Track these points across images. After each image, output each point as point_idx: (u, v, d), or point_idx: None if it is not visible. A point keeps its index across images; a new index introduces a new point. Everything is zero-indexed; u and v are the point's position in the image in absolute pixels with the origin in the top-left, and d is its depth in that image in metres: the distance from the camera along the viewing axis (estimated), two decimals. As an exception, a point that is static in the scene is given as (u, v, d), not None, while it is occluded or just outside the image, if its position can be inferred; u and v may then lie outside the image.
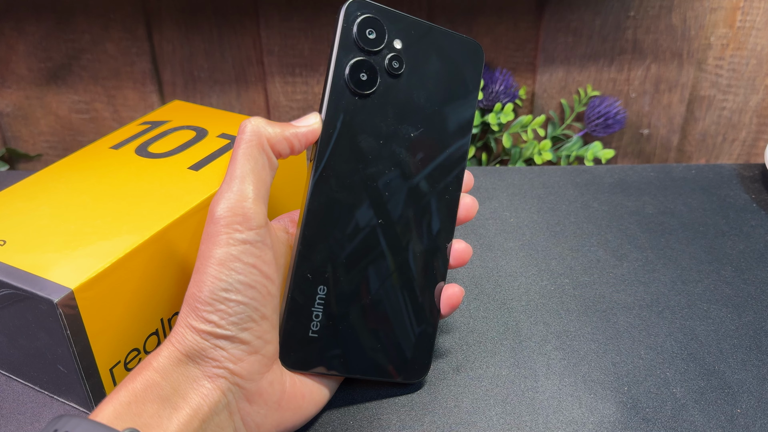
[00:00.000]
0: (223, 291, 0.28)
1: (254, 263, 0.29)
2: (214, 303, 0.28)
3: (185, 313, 0.29)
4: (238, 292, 0.28)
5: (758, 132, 0.71)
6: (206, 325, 0.28)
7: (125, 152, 0.42)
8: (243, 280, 0.28)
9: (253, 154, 0.30)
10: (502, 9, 0.65)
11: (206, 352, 0.28)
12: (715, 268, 0.44)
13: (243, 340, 0.29)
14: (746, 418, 0.33)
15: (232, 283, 0.28)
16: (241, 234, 0.29)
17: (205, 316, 0.28)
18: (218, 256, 0.28)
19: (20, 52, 0.65)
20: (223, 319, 0.28)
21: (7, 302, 0.31)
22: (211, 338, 0.28)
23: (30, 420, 0.33)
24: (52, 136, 0.70)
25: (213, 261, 0.28)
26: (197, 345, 0.28)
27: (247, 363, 0.29)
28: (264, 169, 0.30)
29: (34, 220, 0.35)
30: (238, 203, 0.29)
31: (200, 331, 0.28)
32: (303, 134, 0.31)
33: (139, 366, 0.28)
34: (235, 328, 0.28)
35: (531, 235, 0.48)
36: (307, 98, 0.69)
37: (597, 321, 0.40)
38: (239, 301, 0.28)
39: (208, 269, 0.28)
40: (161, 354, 0.28)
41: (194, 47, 0.66)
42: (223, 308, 0.28)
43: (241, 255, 0.28)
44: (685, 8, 0.65)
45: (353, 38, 0.31)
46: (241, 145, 0.30)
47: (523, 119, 0.67)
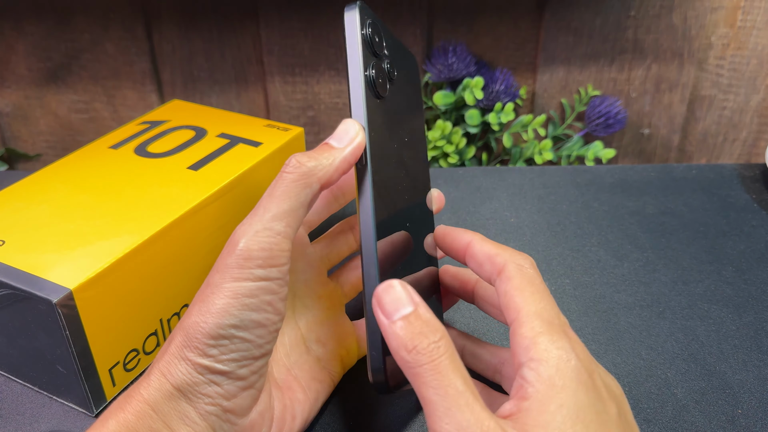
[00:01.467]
0: (232, 328, 0.26)
1: (270, 301, 0.27)
2: (218, 337, 0.26)
3: (182, 342, 0.26)
4: (246, 329, 0.26)
5: (759, 132, 0.71)
6: (204, 359, 0.26)
7: (124, 152, 0.42)
8: (254, 318, 0.26)
9: (295, 193, 0.27)
10: (503, 8, 0.65)
11: (199, 387, 0.26)
12: (715, 269, 0.44)
13: (240, 376, 0.27)
14: (747, 419, 0.33)
15: (243, 320, 0.26)
16: (263, 270, 0.26)
17: (206, 350, 0.26)
18: (233, 288, 0.26)
19: (20, 51, 0.65)
20: (224, 355, 0.26)
21: (6, 302, 0.31)
22: (206, 372, 0.26)
23: (29, 420, 0.33)
24: (52, 136, 0.70)
25: (225, 293, 0.26)
26: (190, 379, 0.26)
27: (240, 399, 0.27)
28: (303, 207, 0.28)
29: (33, 220, 0.35)
30: (266, 239, 0.27)
31: (196, 364, 0.26)
32: (351, 153, 0.29)
33: (128, 395, 0.27)
34: (233, 364, 0.26)
35: (531, 235, 0.48)
36: (307, 98, 0.69)
37: (597, 321, 0.40)
38: (245, 339, 0.26)
39: (218, 300, 0.26)
40: (151, 385, 0.26)
41: (194, 47, 0.66)
42: (226, 344, 0.26)
43: (258, 292, 0.26)
44: (685, 8, 0.65)
45: (368, 42, 0.30)
46: (283, 183, 0.28)
47: (524, 119, 0.67)
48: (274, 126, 0.46)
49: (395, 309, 0.25)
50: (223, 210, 0.39)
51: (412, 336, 0.24)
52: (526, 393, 0.24)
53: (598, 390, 0.25)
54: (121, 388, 0.35)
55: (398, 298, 0.25)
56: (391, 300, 0.25)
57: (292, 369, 0.32)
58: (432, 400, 0.23)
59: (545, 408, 0.24)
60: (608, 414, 0.25)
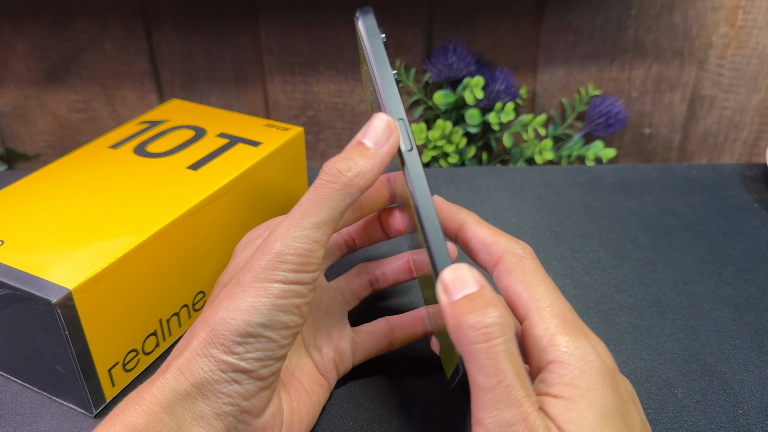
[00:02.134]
0: (261, 326, 0.26)
1: (298, 304, 0.27)
2: (246, 335, 0.26)
3: (207, 339, 0.26)
4: (274, 329, 0.26)
5: (760, 131, 0.71)
6: (230, 356, 0.26)
7: (124, 152, 0.42)
8: (282, 319, 0.26)
9: (336, 201, 0.27)
10: (503, 8, 0.65)
11: (219, 385, 0.26)
12: (716, 269, 0.44)
13: (261, 376, 0.26)
14: (748, 419, 0.33)
15: (272, 320, 0.26)
16: (295, 275, 0.26)
17: (232, 347, 0.26)
18: (264, 288, 0.26)
19: (19, 51, 0.65)
20: (249, 353, 0.26)
21: (5, 303, 0.31)
22: (229, 370, 0.26)
23: (29, 421, 0.33)
24: (51, 136, 0.70)
25: (258, 291, 0.26)
26: (212, 377, 0.26)
27: (257, 399, 0.27)
28: (341, 215, 0.27)
29: (32, 220, 0.35)
30: (303, 245, 0.26)
31: (220, 361, 0.26)
32: (388, 155, 0.28)
33: (139, 394, 0.26)
34: (257, 363, 0.26)
35: (532, 235, 0.48)
36: (307, 97, 0.69)
37: (598, 321, 0.39)
38: (271, 338, 0.26)
39: (249, 299, 0.26)
40: (167, 385, 0.26)
41: (193, 46, 0.66)
42: (253, 342, 0.26)
43: (289, 294, 0.26)
44: (686, 7, 0.64)
45: (383, 41, 0.30)
46: (324, 190, 0.27)
47: (524, 118, 0.67)
48: (273, 126, 0.46)
49: (458, 289, 0.25)
50: (223, 210, 0.39)
51: (471, 312, 0.24)
52: (549, 399, 0.24)
53: (621, 393, 0.25)
54: (120, 388, 0.35)
55: (463, 279, 0.25)
56: (456, 280, 0.25)
57: (295, 372, 0.32)
58: (481, 386, 0.23)
59: (573, 408, 0.23)
60: (632, 418, 0.24)
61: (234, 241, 0.39)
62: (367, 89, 0.34)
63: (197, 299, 0.39)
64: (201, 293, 0.39)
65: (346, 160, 0.27)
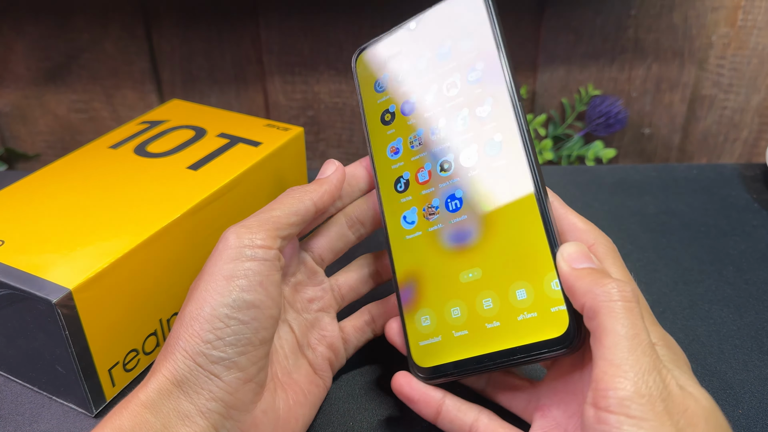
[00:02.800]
0: (225, 308, 0.27)
1: (261, 282, 0.28)
2: (213, 320, 0.26)
3: (179, 334, 0.27)
4: (239, 310, 0.27)
5: (760, 131, 0.71)
6: (202, 345, 0.26)
7: (124, 152, 0.42)
8: (246, 299, 0.27)
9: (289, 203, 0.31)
10: (503, 8, 0.64)
11: (199, 381, 0.26)
12: (716, 269, 0.44)
13: (239, 365, 0.27)
14: (747, 419, 0.33)
15: (236, 299, 0.27)
16: (250, 251, 0.28)
17: (202, 335, 0.26)
18: (223, 272, 0.27)
19: (19, 51, 0.65)
20: (220, 339, 0.26)
21: (5, 303, 0.31)
22: (206, 363, 0.26)
23: (29, 421, 0.33)
24: (51, 136, 0.70)
25: (216, 277, 0.27)
26: (190, 372, 0.26)
27: (241, 393, 0.27)
28: (296, 215, 0.30)
29: (32, 220, 0.35)
30: (254, 225, 0.29)
31: (194, 353, 0.26)
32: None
33: (127, 398, 0.26)
34: (232, 350, 0.27)
35: (532, 235, 0.48)
36: (307, 97, 0.69)
37: (598, 321, 0.39)
38: (240, 320, 0.27)
39: (210, 285, 0.27)
40: (149, 386, 0.26)
41: (193, 46, 0.66)
42: (221, 326, 0.26)
43: (248, 272, 0.27)
44: (686, 7, 0.64)
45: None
46: (279, 197, 0.32)
47: (524, 119, 0.67)
48: (273, 126, 0.46)
49: (579, 260, 0.27)
50: (223, 210, 0.39)
51: (600, 279, 0.25)
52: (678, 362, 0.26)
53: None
54: (120, 388, 0.35)
55: (582, 253, 0.27)
56: (576, 253, 0.27)
57: (292, 372, 0.32)
58: (619, 335, 0.24)
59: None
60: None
61: (234, 241, 0.39)
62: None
63: (197, 299, 0.39)
64: (201, 293, 0.39)
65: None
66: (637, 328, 0.24)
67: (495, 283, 0.30)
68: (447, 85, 0.34)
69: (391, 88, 0.35)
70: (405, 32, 0.35)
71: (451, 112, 0.33)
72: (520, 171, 0.31)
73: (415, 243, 0.33)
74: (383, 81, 0.36)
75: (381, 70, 0.36)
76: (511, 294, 0.30)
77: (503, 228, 0.31)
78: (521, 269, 0.30)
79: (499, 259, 0.30)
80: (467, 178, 0.32)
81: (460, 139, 0.33)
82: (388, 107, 0.35)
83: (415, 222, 0.33)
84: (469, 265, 0.31)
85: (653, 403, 0.22)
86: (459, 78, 0.33)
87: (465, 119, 0.33)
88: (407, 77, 0.35)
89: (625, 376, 0.23)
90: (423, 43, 0.35)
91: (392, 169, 0.34)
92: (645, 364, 0.23)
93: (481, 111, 0.32)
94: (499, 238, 0.31)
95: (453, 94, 0.33)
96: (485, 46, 0.33)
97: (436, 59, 0.34)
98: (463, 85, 0.33)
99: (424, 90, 0.34)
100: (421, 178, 0.33)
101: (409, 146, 0.34)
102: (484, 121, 0.32)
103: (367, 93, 0.36)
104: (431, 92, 0.34)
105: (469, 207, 0.32)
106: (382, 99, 0.36)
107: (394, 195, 0.34)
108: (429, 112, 0.34)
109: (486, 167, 0.32)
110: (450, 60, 0.34)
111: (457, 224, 0.32)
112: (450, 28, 0.34)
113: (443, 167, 0.33)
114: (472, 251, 0.31)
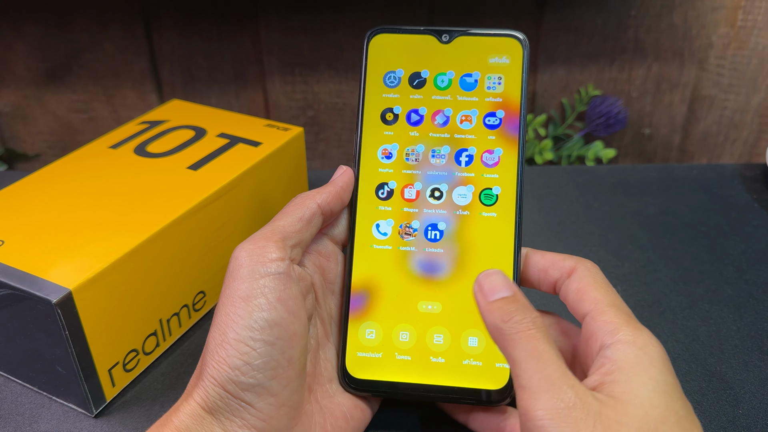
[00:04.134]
0: (248, 330, 0.26)
1: (279, 297, 0.27)
2: (238, 345, 0.26)
3: (206, 362, 0.26)
4: (262, 330, 0.26)
5: (760, 132, 0.71)
6: (230, 372, 0.26)
7: (124, 152, 0.42)
8: (267, 317, 0.26)
9: (293, 210, 0.30)
10: (503, 8, 0.65)
11: (231, 408, 0.26)
12: (716, 269, 0.44)
13: (270, 390, 0.26)
14: (747, 420, 0.33)
15: (257, 319, 0.26)
16: (263, 267, 0.27)
17: (229, 361, 0.26)
18: (239, 293, 0.27)
19: (19, 51, 0.65)
20: (248, 365, 0.26)
21: (5, 303, 0.31)
22: (236, 390, 0.26)
23: (29, 421, 0.33)
24: (51, 136, 0.70)
25: (234, 300, 0.27)
26: (221, 400, 0.26)
27: (275, 419, 0.26)
28: (301, 221, 0.30)
29: (32, 220, 0.35)
30: (261, 239, 0.28)
31: (224, 382, 0.26)
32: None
33: (161, 424, 0.26)
34: (261, 375, 0.26)
35: (532, 235, 0.48)
36: (307, 98, 0.69)
37: (598, 321, 0.39)
38: (266, 341, 0.26)
39: (230, 309, 0.26)
40: (182, 411, 0.26)
41: (193, 46, 0.66)
42: (248, 350, 0.26)
43: (264, 290, 0.27)
44: (686, 7, 0.64)
45: None
46: (284, 207, 0.31)
47: (524, 119, 0.67)
48: (273, 126, 0.46)
49: (494, 292, 0.26)
50: (223, 210, 0.39)
51: (509, 311, 0.25)
52: (611, 368, 0.25)
53: (676, 378, 0.25)
54: (120, 388, 0.35)
55: (498, 284, 0.26)
56: (491, 284, 0.26)
57: (335, 396, 0.31)
58: (526, 372, 0.24)
59: (634, 378, 0.24)
60: (686, 401, 0.25)
61: (234, 241, 0.39)
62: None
63: (197, 299, 0.39)
64: (201, 293, 0.39)
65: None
66: (538, 349, 0.24)
67: (451, 322, 0.31)
68: (463, 116, 0.33)
69: (403, 88, 0.34)
70: (434, 39, 0.34)
71: (458, 144, 0.33)
72: (506, 229, 0.32)
73: (381, 255, 0.32)
74: (397, 76, 0.34)
75: (398, 63, 0.34)
76: (464, 338, 0.31)
77: (474, 274, 0.31)
78: (480, 318, 0.30)
79: (462, 301, 0.31)
80: (455, 215, 0.32)
81: (460, 175, 0.33)
82: (393, 107, 0.34)
83: (388, 235, 0.33)
84: (430, 297, 0.32)
85: (565, 415, 0.23)
86: (477, 115, 0.33)
87: (470, 158, 0.33)
88: (424, 86, 0.34)
89: (535, 398, 0.23)
90: (451, 60, 0.34)
91: (379, 173, 0.33)
92: (553, 380, 0.23)
93: (488, 158, 0.33)
94: (467, 282, 0.32)
95: (466, 127, 0.33)
96: (511, 98, 0.33)
97: (459, 85, 0.34)
98: (478, 124, 0.33)
99: (437, 108, 0.34)
100: (407, 194, 0.33)
101: (404, 157, 0.33)
102: (489, 168, 0.33)
103: (374, 81, 0.34)
104: (444, 114, 0.34)
105: (448, 243, 0.32)
106: (389, 95, 0.34)
107: (373, 199, 0.33)
108: (436, 134, 0.33)
109: (477, 213, 0.32)
110: (474, 92, 0.33)
111: (432, 254, 0.32)
112: (483, 61, 0.33)
113: (434, 194, 0.33)
114: (437, 285, 0.32)
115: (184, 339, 0.39)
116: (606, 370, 0.25)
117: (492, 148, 0.33)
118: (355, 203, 0.33)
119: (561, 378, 0.23)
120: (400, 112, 0.34)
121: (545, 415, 0.23)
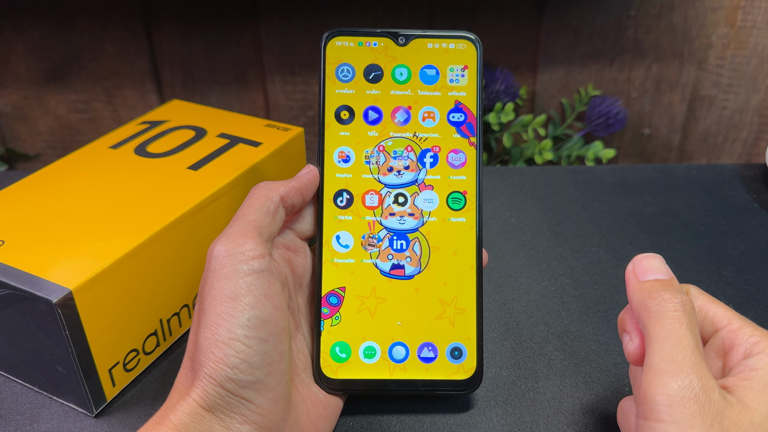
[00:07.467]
0: (241, 328, 0.26)
1: (265, 294, 0.27)
2: (233, 344, 0.26)
3: (200, 361, 0.26)
4: (255, 328, 0.26)
5: (759, 132, 0.71)
6: (229, 371, 0.25)
7: (124, 152, 0.42)
8: (258, 315, 0.26)
9: (259, 203, 0.30)
10: (503, 8, 0.65)
11: (231, 406, 0.26)
12: (716, 269, 0.44)
13: (268, 386, 0.26)
14: (748, 419, 0.33)
15: (249, 318, 0.26)
16: (246, 265, 0.27)
17: (226, 360, 0.26)
18: (225, 292, 0.26)
19: (19, 51, 0.65)
20: (245, 362, 0.26)
21: (5, 302, 0.31)
22: (236, 388, 0.26)
23: (29, 420, 0.33)
24: (51, 136, 0.70)
25: (221, 299, 0.26)
26: (221, 399, 0.26)
27: (273, 413, 0.26)
28: (268, 215, 0.30)
29: (32, 220, 0.35)
30: (238, 236, 0.28)
31: (223, 380, 0.26)
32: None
33: (156, 422, 0.26)
34: (260, 372, 0.26)
35: (532, 235, 0.48)
36: (307, 98, 0.69)
37: (598, 321, 0.39)
38: (260, 338, 0.26)
39: (219, 308, 0.26)
40: (180, 409, 0.26)
41: (193, 46, 0.66)
42: (243, 348, 0.26)
43: (251, 288, 0.27)
44: (685, 8, 0.65)
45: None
46: (247, 199, 0.30)
47: (524, 119, 0.67)
48: (273, 126, 0.46)
49: (647, 273, 0.27)
50: (223, 210, 0.39)
51: (658, 289, 0.25)
52: (751, 375, 0.25)
53: None
54: (121, 388, 0.35)
55: (655, 267, 0.27)
56: (648, 266, 0.27)
57: (311, 384, 0.32)
58: (658, 353, 0.24)
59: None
60: None
61: (234, 241, 0.39)
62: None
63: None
64: (201, 293, 0.39)
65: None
66: (679, 332, 0.24)
67: (412, 332, 0.31)
68: (425, 113, 0.31)
69: (359, 82, 0.31)
70: (391, 42, 0.32)
71: (421, 143, 0.31)
72: (470, 232, 0.31)
73: (345, 268, 0.31)
74: (350, 70, 0.31)
75: (352, 59, 0.31)
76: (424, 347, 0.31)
77: (440, 283, 0.31)
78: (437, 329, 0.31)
79: (423, 312, 0.31)
80: (421, 222, 0.31)
81: (426, 177, 0.31)
82: (348, 104, 0.31)
83: (350, 247, 0.31)
84: (395, 308, 0.31)
85: (684, 404, 0.23)
86: (439, 113, 0.31)
87: (435, 159, 0.31)
88: (381, 80, 0.31)
89: (659, 380, 0.23)
90: (409, 57, 0.32)
91: (336, 178, 0.31)
92: (683, 366, 0.23)
93: (454, 158, 0.31)
94: (432, 292, 0.31)
95: (429, 125, 0.31)
96: (471, 100, 0.31)
97: (420, 78, 0.31)
98: (442, 121, 0.31)
99: (395, 103, 0.31)
100: (368, 201, 0.31)
101: (363, 160, 0.31)
102: (455, 170, 0.31)
103: (330, 78, 0.32)
104: (403, 111, 0.31)
105: (414, 253, 0.31)
106: (343, 90, 0.31)
107: (331, 208, 0.31)
108: (397, 133, 0.31)
109: (444, 218, 0.31)
110: (436, 86, 0.31)
111: (397, 265, 0.31)
112: (442, 60, 0.31)
113: (397, 200, 0.31)
114: (403, 294, 0.31)
115: (184, 339, 0.39)
116: (745, 376, 0.25)
117: (458, 148, 0.31)
118: (321, 210, 0.32)
119: (692, 367, 0.23)
120: (355, 111, 0.31)
121: (663, 400, 0.23)
